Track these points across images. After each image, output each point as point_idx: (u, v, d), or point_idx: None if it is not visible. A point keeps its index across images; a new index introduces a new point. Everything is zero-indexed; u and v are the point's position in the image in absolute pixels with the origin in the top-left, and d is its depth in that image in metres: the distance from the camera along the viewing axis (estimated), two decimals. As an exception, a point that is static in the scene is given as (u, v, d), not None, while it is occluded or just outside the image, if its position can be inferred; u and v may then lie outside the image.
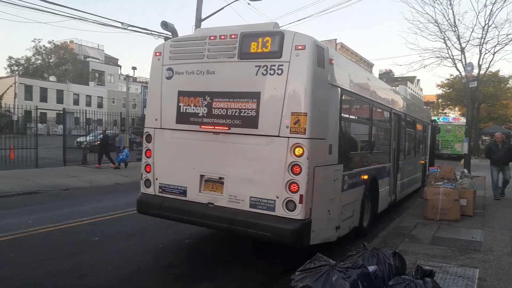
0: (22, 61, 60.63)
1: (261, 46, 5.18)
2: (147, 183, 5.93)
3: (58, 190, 11.64)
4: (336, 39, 45.29)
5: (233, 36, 5.35)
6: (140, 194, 6.02)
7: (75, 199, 10.49)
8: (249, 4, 19.56)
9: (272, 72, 5.07)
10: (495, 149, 11.06)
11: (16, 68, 59.96)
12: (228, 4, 18.73)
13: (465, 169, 12.47)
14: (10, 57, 60.62)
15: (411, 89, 24.00)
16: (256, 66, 5.16)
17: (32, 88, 50.04)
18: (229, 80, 5.36)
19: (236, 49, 5.30)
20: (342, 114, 5.88)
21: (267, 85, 5.11)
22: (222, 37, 5.44)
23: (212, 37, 5.52)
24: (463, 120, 32.68)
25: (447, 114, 45.60)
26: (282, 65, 5.00)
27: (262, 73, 5.12)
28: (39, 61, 61.38)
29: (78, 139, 20.43)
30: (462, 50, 17.69)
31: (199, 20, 17.31)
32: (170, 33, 14.93)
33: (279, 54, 5.03)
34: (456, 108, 45.29)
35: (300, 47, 4.94)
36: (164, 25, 14.35)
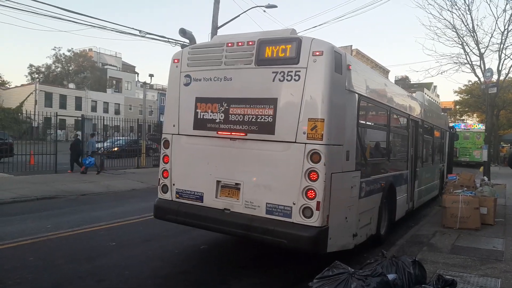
0: (43, 69, 62.18)
1: (278, 52, 5.21)
2: (164, 188, 5.97)
3: (76, 195, 11.82)
4: (351, 46, 45.10)
5: (250, 43, 5.39)
6: (157, 199, 6.08)
7: (92, 204, 10.64)
8: (264, 11, 19.78)
9: (289, 78, 5.08)
10: None
11: (36, 75, 61.50)
12: (244, 12, 18.94)
13: (485, 177, 12.13)
14: (31, 65, 62.20)
15: (428, 96, 23.71)
16: (273, 72, 5.17)
17: (52, 95, 51.20)
18: (246, 86, 5.39)
19: (254, 55, 5.33)
20: (359, 120, 5.84)
21: (284, 91, 5.11)
22: (240, 44, 5.48)
23: (229, 44, 5.57)
24: (478, 127, 32.09)
25: (465, 121, 44.79)
26: (300, 71, 5.01)
27: (279, 79, 5.13)
28: (59, 69, 62.83)
29: (96, 145, 20.73)
30: (481, 56, 17.41)
31: (215, 28, 17.51)
32: (187, 41, 15.14)
33: (296, 60, 5.04)
34: (475, 115, 44.45)
35: (317, 53, 4.94)
36: (182, 32, 14.57)
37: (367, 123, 6.65)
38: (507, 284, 4.91)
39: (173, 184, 5.88)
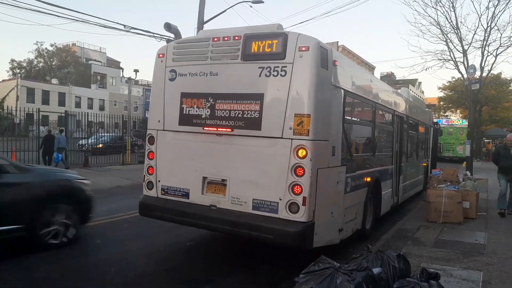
0: (24, 64, 60.83)
1: (264, 47, 5.18)
2: (150, 185, 5.91)
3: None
4: (338, 42, 45.28)
5: (236, 38, 5.35)
6: (142, 196, 6.01)
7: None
8: (251, 6, 19.66)
9: (275, 73, 5.06)
10: (505, 154, 9.06)
11: (18, 71, 60.16)
12: (231, 7, 18.82)
13: (467, 172, 12.33)
14: (13, 60, 60.80)
15: (413, 92, 24.02)
16: (259, 67, 5.15)
17: (34, 91, 50.13)
18: (232, 82, 5.36)
19: (240, 50, 5.29)
20: (345, 116, 5.86)
21: (270, 87, 5.10)
22: (226, 38, 5.44)
23: (215, 39, 5.52)
24: (460, 122, 32.66)
25: (448, 117, 45.51)
26: (286, 66, 4.99)
27: (266, 75, 5.11)
28: (41, 64, 61.57)
29: (80, 142, 20.41)
30: (465, 53, 17.72)
31: (201, 23, 17.35)
32: (172, 35, 14.97)
33: (282, 56, 5.02)
34: (458, 111, 45.18)
35: (303, 48, 4.93)
36: (168, 26, 14.39)
37: (353, 118, 6.68)
38: (488, 276, 5.01)
39: (159, 181, 5.81)
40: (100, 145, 22.66)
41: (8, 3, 14.27)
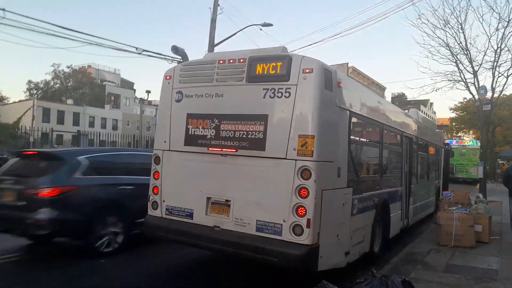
0: (41, 85, 62.46)
1: (269, 69, 5.23)
2: (154, 205, 5.91)
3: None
4: (347, 63, 45.49)
5: (241, 60, 5.42)
6: (147, 216, 6.00)
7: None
8: (261, 29, 20.02)
9: (279, 95, 5.09)
10: None
11: (35, 91, 61.73)
12: (240, 30, 19.20)
13: (480, 194, 12.07)
14: (30, 81, 62.51)
15: (424, 113, 23.91)
16: (264, 89, 5.19)
17: (50, 111, 51.30)
18: (237, 103, 5.40)
19: (245, 72, 5.35)
20: (351, 137, 5.83)
21: (274, 108, 5.12)
22: (231, 61, 5.52)
23: (221, 61, 5.60)
24: (470, 143, 32.17)
25: (461, 138, 44.93)
26: (290, 88, 5.02)
27: (270, 96, 5.14)
28: (57, 85, 63.14)
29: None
30: (475, 73, 17.54)
31: (212, 45, 17.71)
32: (180, 57, 15.28)
33: (287, 77, 5.06)
34: (471, 132, 44.62)
35: (307, 70, 4.97)
36: (175, 49, 14.73)
37: (360, 139, 6.64)
38: (501, 303, 4.83)
39: (163, 201, 5.82)
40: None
41: (27, 28, 14.80)
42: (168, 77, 6.11)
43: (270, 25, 19.01)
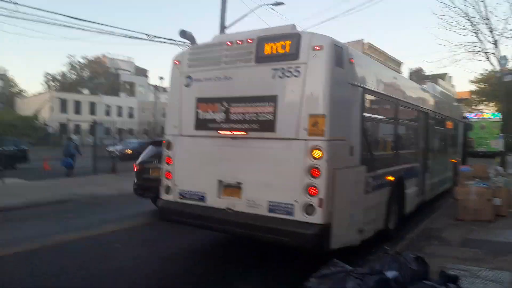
0: (58, 77, 63.40)
1: (278, 49, 5.16)
2: (168, 189, 6.00)
3: (87, 199, 11.97)
4: (363, 40, 44.50)
5: (249, 41, 5.36)
6: (161, 201, 6.10)
7: (103, 207, 10.77)
8: (272, 9, 19.65)
9: (289, 74, 5.02)
10: None
11: (52, 83, 62.76)
12: (252, 11, 18.92)
13: (498, 167, 11.80)
14: (47, 73, 63.49)
15: (442, 87, 23.25)
16: (273, 69, 5.13)
17: (66, 101, 52.16)
18: (246, 85, 5.37)
19: (253, 53, 5.30)
20: (364, 114, 5.73)
21: (284, 88, 5.07)
22: (239, 42, 5.46)
23: (229, 43, 5.55)
24: (489, 116, 31.27)
25: (481, 110, 43.79)
26: (299, 66, 4.95)
27: (279, 76, 5.09)
28: (74, 76, 63.98)
29: (108, 148, 20.96)
30: (496, 43, 16.91)
31: (223, 28, 17.52)
32: (189, 41, 15.18)
33: (296, 56, 4.98)
34: (492, 104, 43.38)
35: (317, 48, 4.87)
36: (183, 33, 14.62)
37: (373, 116, 6.52)
38: (519, 277, 4.76)
39: (176, 185, 5.89)
40: (129, 151, 23.23)
41: (40, 21, 14.96)
42: (177, 62, 6.10)
43: (282, 3, 18.63)
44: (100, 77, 63.40)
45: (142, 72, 73.35)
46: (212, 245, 6.81)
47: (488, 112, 40.38)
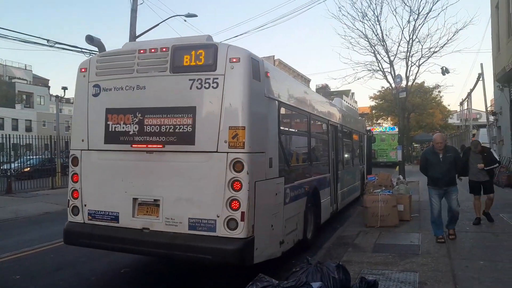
0: None
1: (194, 59, 5.00)
2: (75, 210, 5.41)
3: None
4: (274, 56, 46.19)
5: (164, 49, 5.12)
6: (67, 223, 5.49)
7: (-4, 233, 9.42)
8: (185, 20, 19.44)
9: (207, 85, 4.88)
10: (433, 160, 6.98)
11: None
12: (163, 21, 18.46)
13: (400, 176, 12.94)
14: None
15: (346, 102, 25.12)
16: (190, 79, 4.95)
17: None
18: (162, 95, 5.10)
19: (168, 62, 5.06)
20: (280, 127, 5.82)
21: (202, 99, 4.91)
22: (153, 50, 5.19)
23: (141, 51, 5.25)
24: (382, 129, 34.77)
25: (381, 124, 48.17)
26: (217, 78, 4.84)
27: (197, 87, 4.92)
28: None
29: (3, 166, 18.63)
30: (391, 63, 18.70)
31: (133, 37, 16.80)
32: (96, 48, 14.21)
33: (213, 67, 4.87)
34: (389, 118, 47.97)
35: (234, 60, 4.82)
36: (89, 39, 13.56)
37: (289, 129, 6.69)
38: (424, 276, 5.14)
39: (85, 205, 5.34)
40: (27, 169, 20.98)
41: None
42: (83, 70, 5.60)
43: (195, 15, 18.50)
44: (-10, 85, 56.64)
45: (41, 82, 67.29)
46: (130, 267, 6.28)
47: (386, 125, 44.68)
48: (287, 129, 6.49)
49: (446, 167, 6.86)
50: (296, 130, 7.27)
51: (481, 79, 25.47)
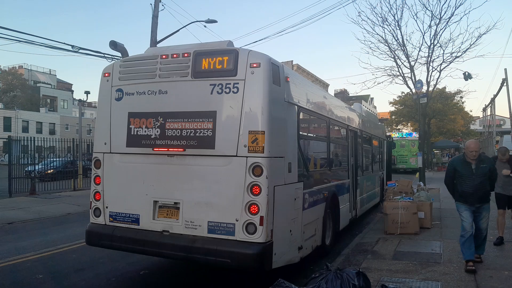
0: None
1: (215, 64, 5.05)
2: (97, 212, 5.52)
3: (1, 224, 10.71)
4: (292, 61, 46.24)
5: (186, 55, 5.19)
6: (89, 224, 5.60)
7: (20, 233, 9.67)
8: (205, 26, 19.65)
9: (227, 90, 4.93)
10: (464, 172, 5.85)
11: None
12: (184, 26, 18.71)
13: (421, 182, 12.71)
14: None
15: (365, 107, 24.92)
16: (211, 84, 5.00)
17: (-25, 116, 47.17)
18: (183, 100, 5.17)
19: (190, 67, 5.13)
20: (300, 132, 5.81)
21: (223, 104, 4.96)
22: (175, 55, 5.27)
23: (164, 56, 5.33)
24: (400, 134, 34.26)
25: (400, 130, 47.49)
26: (238, 83, 4.88)
27: (218, 92, 4.97)
28: (-16, 88, 58.20)
29: (27, 168, 19.13)
30: (411, 68, 18.44)
31: (154, 42, 17.07)
32: (120, 54, 14.49)
33: (234, 72, 4.91)
34: (409, 124, 47.25)
35: (255, 65, 4.85)
36: (113, 45, 13.85)
37: (308, 134, 6.67)
38: (446, 286, 5.03)
39: (106, 207, 5.44)
40: (50, 171, 21.47)
41: None
42: (106, 75, 5.73)
43: (215, 21, 18.68)
44: (16, 89, 58.28)
45: (65, 86, 69.02)
46: (149, 268, 6.36)
47: (406, 131, 44.01)
48: (306, 134, 6.47)
49: (479, 180, 5.74)
50: (315, 135, 7.24)
51: (505, 84, 24.84)
